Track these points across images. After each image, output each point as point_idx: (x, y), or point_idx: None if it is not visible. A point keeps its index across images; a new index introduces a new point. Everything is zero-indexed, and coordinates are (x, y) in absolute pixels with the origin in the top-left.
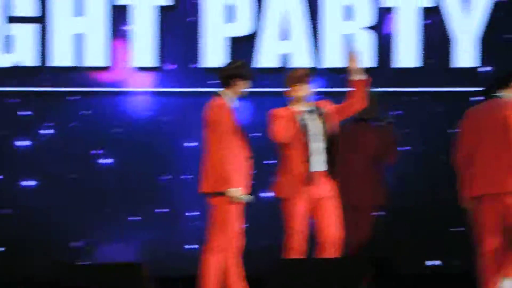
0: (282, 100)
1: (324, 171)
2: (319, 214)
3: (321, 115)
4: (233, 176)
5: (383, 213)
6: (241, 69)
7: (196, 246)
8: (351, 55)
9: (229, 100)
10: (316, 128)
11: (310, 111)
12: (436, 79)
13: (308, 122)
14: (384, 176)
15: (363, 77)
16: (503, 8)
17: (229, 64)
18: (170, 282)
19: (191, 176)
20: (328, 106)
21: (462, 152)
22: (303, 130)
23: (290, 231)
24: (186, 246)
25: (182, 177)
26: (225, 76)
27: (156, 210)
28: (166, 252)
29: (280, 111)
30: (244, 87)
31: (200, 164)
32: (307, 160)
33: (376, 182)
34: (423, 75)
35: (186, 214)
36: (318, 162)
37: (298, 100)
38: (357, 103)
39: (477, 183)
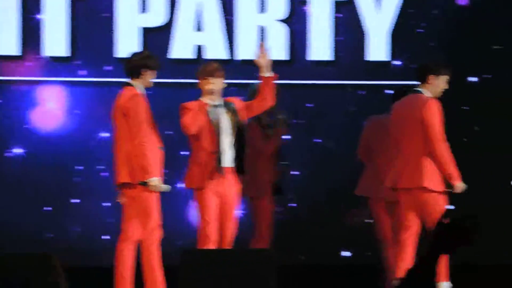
0: (197, 91)
1: (231, 167)
2: (221, 211)
3: (230, 110)
4: (152, 166)
5: (295, 205)
6: (148, 60)
7: (109, 236)
8: (261, 50)
9: (140, 90)
10: (225, 123)
11: (220, 106)
12: (349, 73)
13: (218, 116)
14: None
15: (271, 73)
16: (414, 2)
17: (136, 55)
18: (84, 272)
19: (104, 167)
20: (237, 102)
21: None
22: (214, 124)
23: (202, 221)
24: (103, 237)
25: (97, 167)
26: (133, 67)
27: (72, 201)
28: (81, 243)
29: (190, 104)
30: (152, 78)
31: (115, 155)
32: (216, 153)
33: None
34: (336, 68)
35: (103, 204)
36: (227, 157)
37: (209, 93)
38: (266, 101)
39: (394, 176)
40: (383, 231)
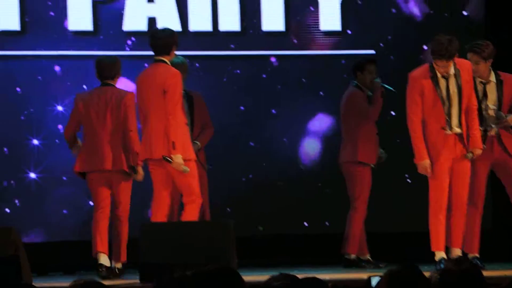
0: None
1: None
2: None
3: None
4: (180, 144)
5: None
6: (176, 37)
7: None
8: None
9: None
10: None
11: None
12: None
13: None
14: None
15: None
16: None
17: (163, 32)
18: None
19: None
20: None
21: None
22: None
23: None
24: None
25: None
26: (165, 44)
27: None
28: (42, 217)
29: None
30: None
31: (147, 129)
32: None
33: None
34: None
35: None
36: None
37: None
38: None
39: None
40: None
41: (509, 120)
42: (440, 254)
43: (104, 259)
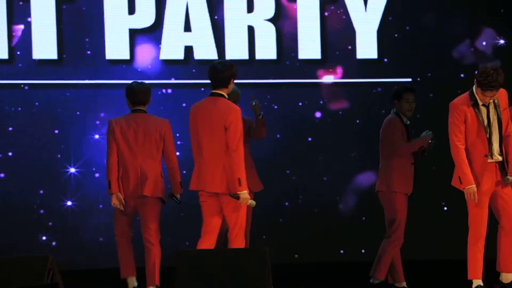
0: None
1: None
2: None
3: None
4: (245, 179)
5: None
6: (235, 70)
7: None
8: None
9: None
10: None
11: None
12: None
13: None
14: None
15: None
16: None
17: (225, 66)
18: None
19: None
20: None
21: None
22: None
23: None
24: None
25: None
26: (225, 77)
27: None
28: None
29: None
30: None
31: (207, 164)
32: None
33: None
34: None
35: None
36: None
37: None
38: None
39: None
40: None
41: None
42: (477, 282)
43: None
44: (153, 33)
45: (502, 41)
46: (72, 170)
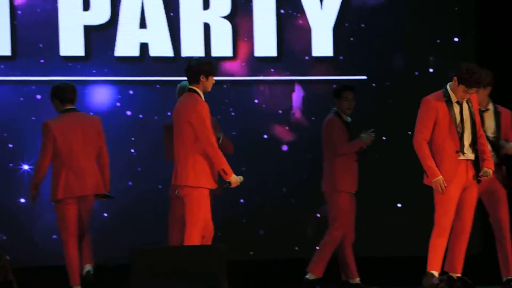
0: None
1: None
2: None
3: None
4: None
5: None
6: (205, 66)
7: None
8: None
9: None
10: None
11: None
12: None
13: None
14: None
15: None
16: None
17: (195, 61)
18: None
19: None
20: None
21: None
22: None
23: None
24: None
25: None
26: (194, 73)
27: None
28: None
29: None
30: (210, 83)
31: (177, 158)
32: None
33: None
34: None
35: None
36: None
37: None
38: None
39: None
40: None
41: (509, 149)
42: (435, 274)
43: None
44: (108, 29)
45: (456, 39)
46: (26, 167)
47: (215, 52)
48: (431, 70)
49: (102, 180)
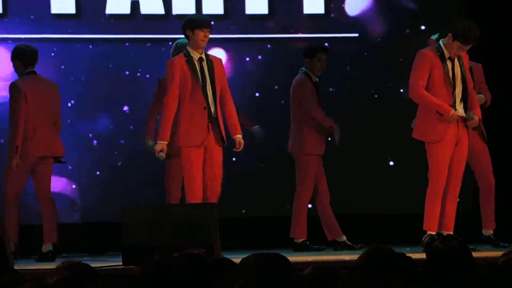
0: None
1: None
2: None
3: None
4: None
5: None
6: (188, 22)
7: None
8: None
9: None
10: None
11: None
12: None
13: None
14: None
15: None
16: None
17: (186, 18)
18: None
19: None
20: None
21: None
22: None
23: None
24: None
25: None
26: (182, 29)
27: None
28: None
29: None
30: (199, 37)
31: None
32: None
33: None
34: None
35: None
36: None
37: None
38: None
39: None
40: None
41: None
42: (431, 234)
43: None
44: None
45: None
46: None
47: (205, 10)
48: (423, 27)
49: (59, 144)
